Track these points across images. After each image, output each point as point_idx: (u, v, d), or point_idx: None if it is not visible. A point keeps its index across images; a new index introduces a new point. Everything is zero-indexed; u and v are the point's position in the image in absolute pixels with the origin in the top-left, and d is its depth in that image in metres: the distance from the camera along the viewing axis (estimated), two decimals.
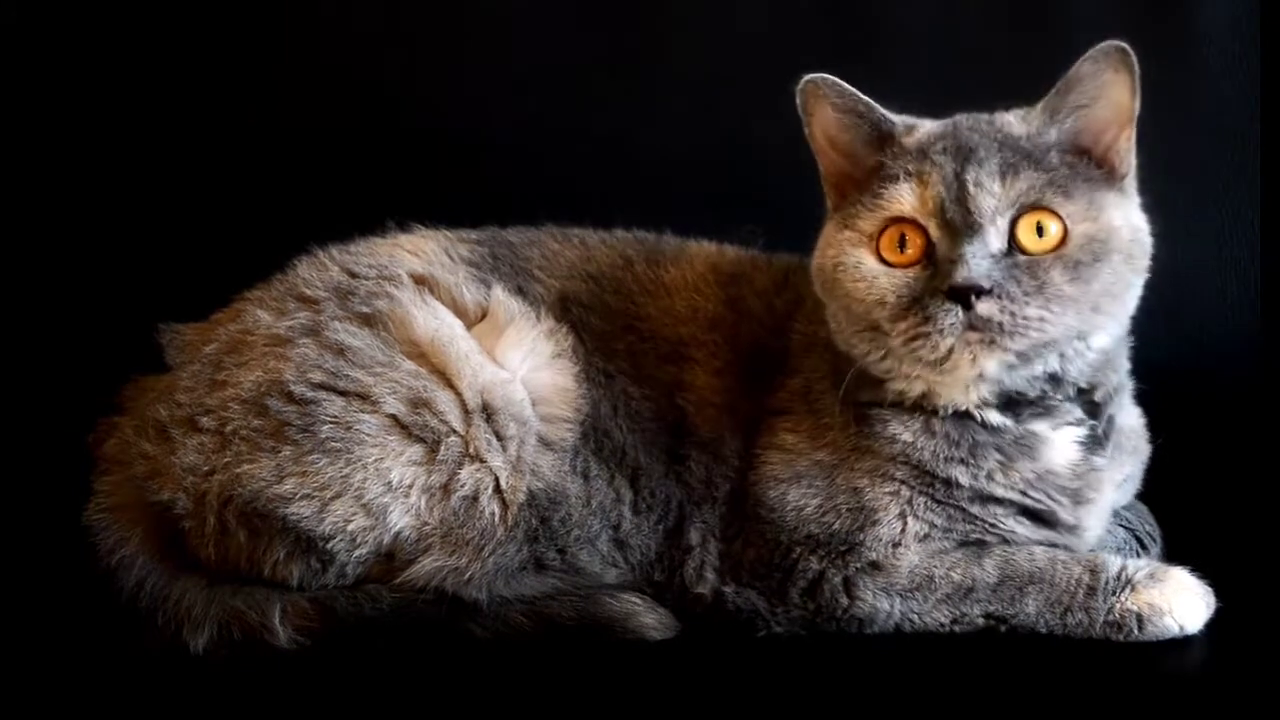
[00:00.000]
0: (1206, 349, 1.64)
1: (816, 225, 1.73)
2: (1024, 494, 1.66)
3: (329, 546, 1.65)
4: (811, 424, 1.70)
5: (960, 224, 1.56)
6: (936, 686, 1.57)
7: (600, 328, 1.78)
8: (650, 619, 1.69)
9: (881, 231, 1.61)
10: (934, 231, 1.58)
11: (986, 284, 1.53)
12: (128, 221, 2.42)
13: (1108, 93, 1.61)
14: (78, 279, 2.40)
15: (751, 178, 2.35)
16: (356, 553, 1.66)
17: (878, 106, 1.66)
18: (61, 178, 2.42)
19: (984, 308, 1.53)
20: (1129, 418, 1.77)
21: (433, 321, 1.70)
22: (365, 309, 1.70)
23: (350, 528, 1.64)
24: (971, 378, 1.61)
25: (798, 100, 1.66)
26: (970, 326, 1.54)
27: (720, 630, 1.69)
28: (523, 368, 1.72)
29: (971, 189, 1.56)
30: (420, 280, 1.75)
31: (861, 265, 1.61)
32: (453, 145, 2.42)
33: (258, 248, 1.85)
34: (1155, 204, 1.68)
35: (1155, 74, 1.62)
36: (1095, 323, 1.60)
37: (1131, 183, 1.66)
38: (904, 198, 1.59)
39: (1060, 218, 1.57)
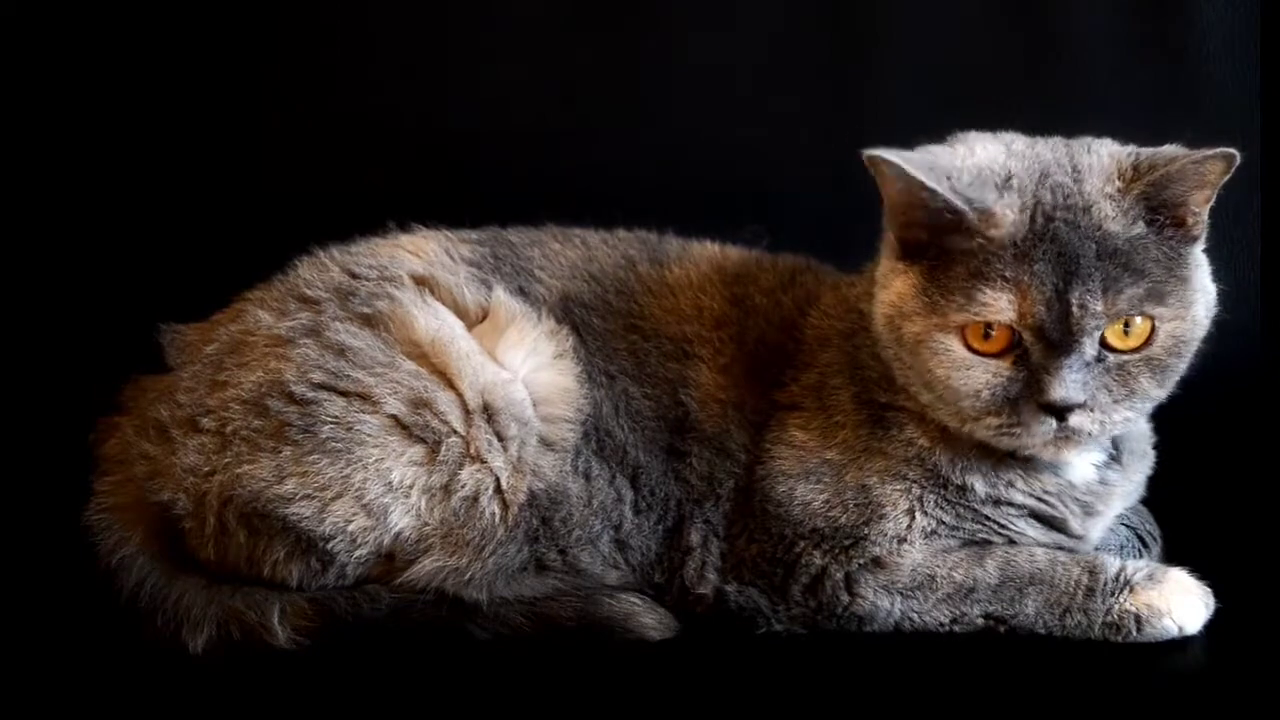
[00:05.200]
0: (1206, 349, 1.64)
1: (817, 225, 1.72)
2: (1041, 500, 1.66)
3: (329, 547, 1.65)
4: (823, 420, 1.69)
5: (1058, 340, 1.53)
6: (936, 686, 1.57)
7: (602, 328, 1.78)
8: (650, 619, 1.69)
9: (969, 323, 1.57)
10: (1028, 338, 1.55)
11: (1082, 398, 1.54)
12: (128, 221, 2.41)
13: (1205, 182, 1.56)
14: (78, 279, 2.40)
15: (752, 178, 2.35)
16: (357, 553, 1.66)
17: (944, 190, 1.53)
18: (61, 177, 2.42)
19: (1076, 420, 1.55)
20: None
21: (434, 322, 1.70)
22: (366, 309, 1.70)
23: (350, 528, 1.64)
24: (1045, 464, 1.65)
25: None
26: (1060, 432, 1.56)
27: (720, 630, 1.69)
28: (524, 368, 1.72)
29: (1075, 310, 1.52)
30: (421, 281, 1.75)
31: (951, 352, 1.57)
32: (453, 145, 2.42)
33: (258, 248, 1.85)
34: None
35: (1156, 75, 1.62)
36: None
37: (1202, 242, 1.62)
38: (1002, 307, 1.54)
39: (1150, 318, 1.56)
